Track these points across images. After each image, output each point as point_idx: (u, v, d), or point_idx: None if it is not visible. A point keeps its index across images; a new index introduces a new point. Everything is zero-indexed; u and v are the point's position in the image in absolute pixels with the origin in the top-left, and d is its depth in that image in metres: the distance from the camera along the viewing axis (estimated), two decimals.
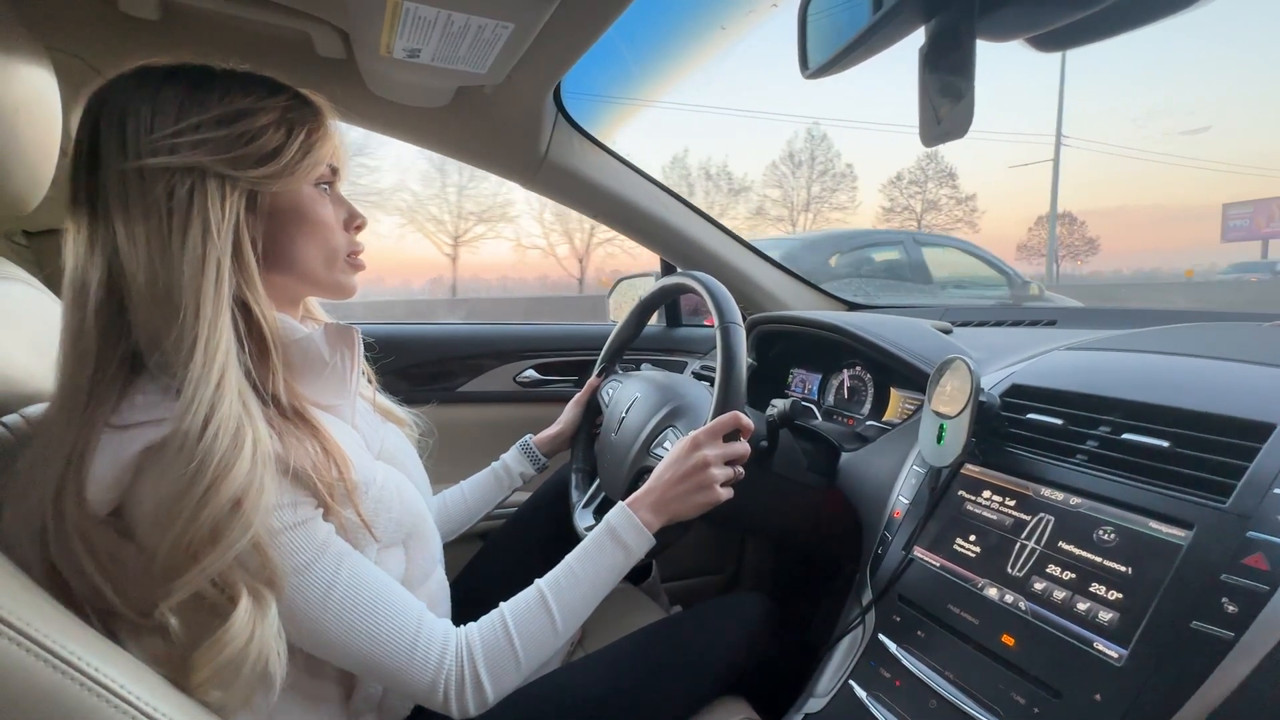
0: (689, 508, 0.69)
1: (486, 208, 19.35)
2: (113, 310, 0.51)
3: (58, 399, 0.51)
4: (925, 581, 0.68)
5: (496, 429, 1.31)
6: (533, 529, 0.99)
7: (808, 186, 23.50)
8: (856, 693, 0.67)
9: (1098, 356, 0.76)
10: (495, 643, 0.58)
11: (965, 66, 0.46)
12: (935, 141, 0.50)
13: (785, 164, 23.70)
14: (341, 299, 0.65)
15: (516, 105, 1.01)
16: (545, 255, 21.92)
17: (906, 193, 24.15)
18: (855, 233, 4.99)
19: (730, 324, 0.77)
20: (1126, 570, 0.53)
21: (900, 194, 24.22)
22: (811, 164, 23.45)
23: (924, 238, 4.88)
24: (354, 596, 0.53)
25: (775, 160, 24.08)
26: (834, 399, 1.19)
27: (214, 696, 0.48)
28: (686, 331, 1.57)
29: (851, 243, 4.38)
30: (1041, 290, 4.94)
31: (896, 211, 24.12)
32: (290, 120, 0.56)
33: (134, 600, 0.47)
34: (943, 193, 24.02)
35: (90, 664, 0.39)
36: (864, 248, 4.41)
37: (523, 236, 22.71)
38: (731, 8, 1.27)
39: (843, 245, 4.31)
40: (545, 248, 21.49)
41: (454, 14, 0.69)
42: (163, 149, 0.50)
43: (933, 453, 0.71)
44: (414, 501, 0.66)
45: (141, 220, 0.50)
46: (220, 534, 0.46)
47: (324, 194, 0.61)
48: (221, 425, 0.47)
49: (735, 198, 24.25)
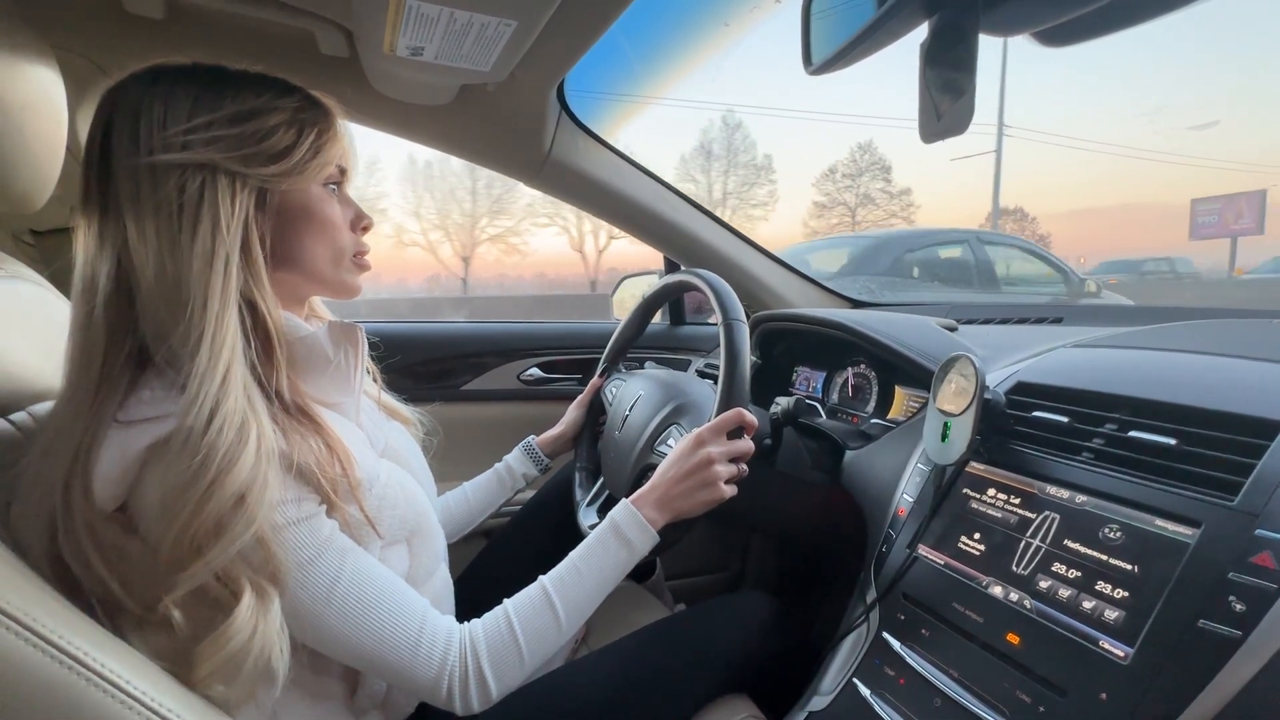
0: (693, 505, 0.69)
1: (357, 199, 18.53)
2: (121, 305, 0.51)
3: (65, 394, 0.51)
4: (930, 580, 0.68)
5: (500, 427, 1.31)
6: (537, 527, 0.99)
7: (724, 180, 21.77)
8: (860, 691, 0.67)
9: (1104, 353, 0.75)
10: (499, 639, 0.59)
11: (967, 62, 0.46)
12: (935, 138, 0.50)
13: (700, 156, 21.78)
14: (347, 298, 0.66)
15: (520, 103, 1.01)
16: (425, 252, 20.39)
17: (839, 185, 23.02)
18: (921, 232, 5.08)
19: (734, 321, 0.77)
20: (1133, 569, 0.53)
21: (834, 187, 23.08)
22: (729, 156, 21.62)
23: (987, 236, 4.98)
24: (357, 592, 0.53)
25: (685, 154, 22.29)
26: (838, 396, 1.18)
27: (217, 691, 0.48)
28: (690, 329, 1.57)
29: (920, 241, 4.54)
30: (1099, 288, 4.98)
31: (829, 206, 23.09)
32: (301, 121, 0.57)
33: (139, 594, 0.48)
34: (876, 186, 22.81)
35: (95, 658, 0.39)
36: (931, 246, 4.56)
37: (402, 234, 20.65)
38: (735, 4, 1.27)
39: (913, 244, 4.48)
40: (424, 245, 20.24)
41: (457, 11, 0.69)
42: (175, 145, 0.51)
43: (937, 450, 0.71)
44: (418, 499, 0.66)
45: (152, 215, 0.51)
46: (224, 528, 0.47)
47: (332, 194, 0.62)
48: (226, 420, 0.47)
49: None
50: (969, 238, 4.70)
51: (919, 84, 0.49)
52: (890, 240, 4.54)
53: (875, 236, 5.03)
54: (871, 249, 4.30)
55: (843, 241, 5.19)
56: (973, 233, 4.82)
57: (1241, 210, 13.14)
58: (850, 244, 4.72)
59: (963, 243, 4.65)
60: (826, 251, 5.10)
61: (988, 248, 4.64)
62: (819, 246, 5.48)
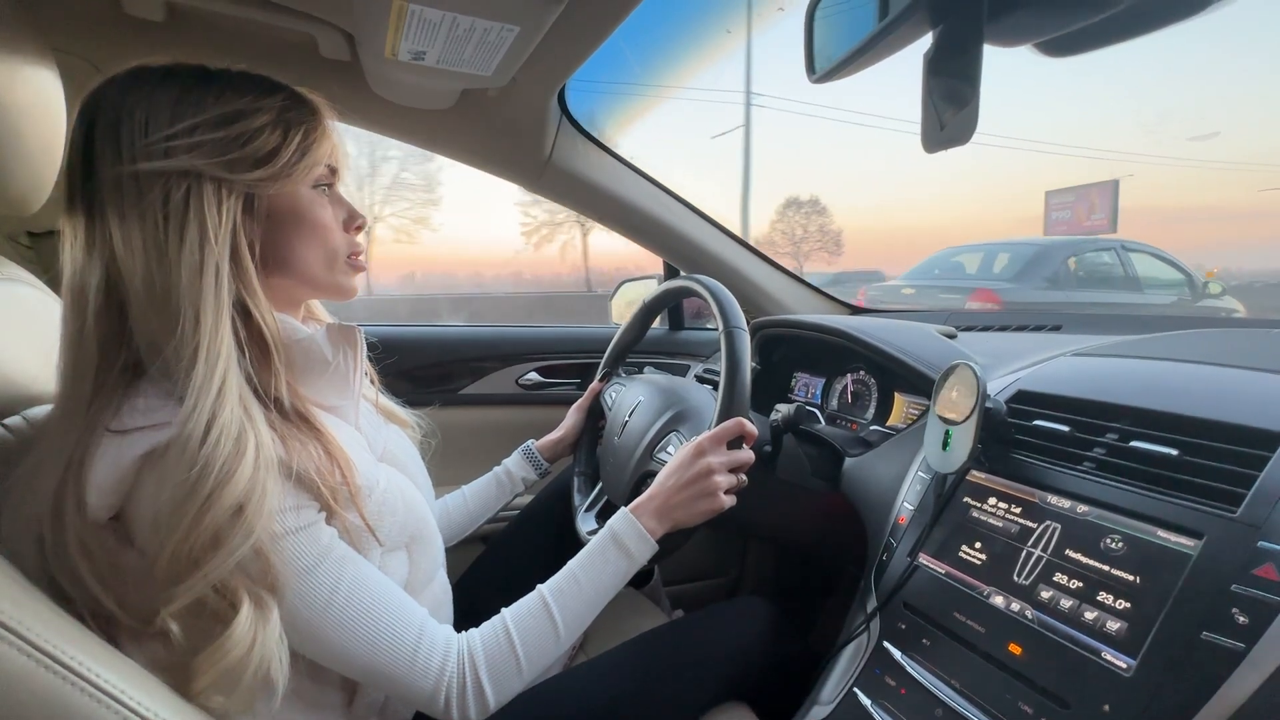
0: (692, 515, 0.68)
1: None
2: (112, 316, 0.51)
3: (59, 403, 0.51)
4: (930, 589, 0.68)
5: (499, 431, 1.31)
6: (535, 532, 0.99)
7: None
8: (861, 700, 0.66)
9: (1105, 363, 0.75)
10: (497, 649, 0.58)
11: (971, 72, 0.46)
12: (938, 148, 0.50)
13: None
14: (342, 300, 0.65)
15: (521, 108, 1.01)
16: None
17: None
18: (1076, 240, 5.49)
19: (734, 329, 0.77)
20: (1135, 579, 0.53)
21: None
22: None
23: (1131, 244, 5.37)
24: (356, 602, 0.53)
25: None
26: (837, 403, 1.18)
27: (216, 702, 0.47)
28: (690, 335, 1.57)
29: (1079, 248, 5.05)
30: (1223, 290, 5.24)
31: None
32: (287, 120, 0.56)
33: (134, 607, 0.47)
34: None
35: (92, 670, 0.39)
36: (1088, 253, 5.07)
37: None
38: (737, 10, 1.27)
39: (1078, 250, 5.00)
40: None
41: (459, 16, 0.69)
42: (157, 153, 0.50)
43: (938, 459, 0.71)
44: (417, 505, 0.65)
45: (138, 225, 0.50)
46: (222, 540, 0.46)
47: (323, 195, 0.60)
48: (224, 431, 0.47)
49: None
50: (1115, 245, 5.24)
51: (922, 93, 0.49)
52: (1053, 247, 5.16)
53: (1034, 243, 5.43)
54: (1039, 254, 4.93)
55: (996, 247, 5.67)
56: (1118, 241, 5.35)
57: (1094, 204, 11.49)
58: (1006, 250, 5.38)
59: (1110, 249, 5.19)
60: (970, 255, 5.66)
61: (1130, 254, 5.20)
62: (964, 250, 5.91)
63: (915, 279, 5.99)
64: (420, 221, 18.11)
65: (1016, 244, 5.59)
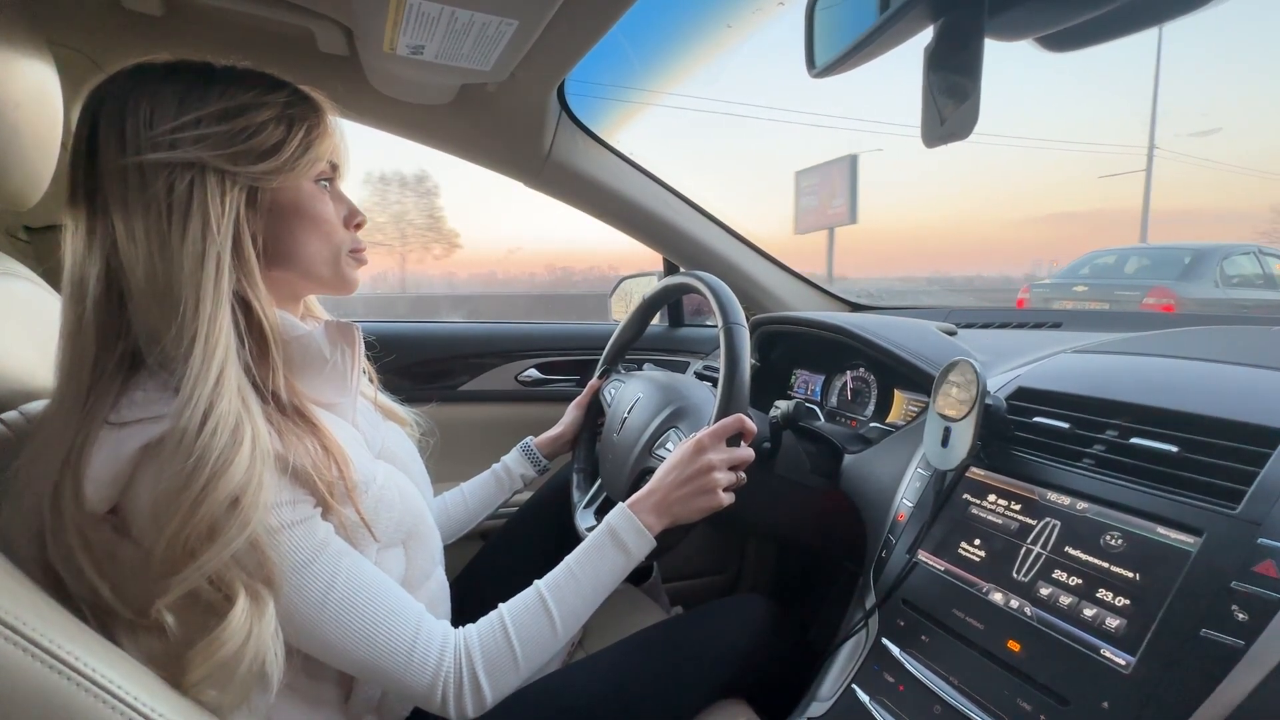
0: (691, 511, 0.68)
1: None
2: (111, 307, 0.51)
3: (57, 396, 0.51)
4: (929, 585, 0.68)
5: (498, 428, 1.31)
6: (534, 529, 0.99)
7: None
8: (859, 697, 0.66)
9: (1105, 359, 0.75)
10: (494, 645, 0.58)
11: (972, 67, 0.45)
12: (938, 142, 0.49)
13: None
14: (344, 294, 0.65)
15: (520, 103, 1.01)
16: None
17: (379, 191, 20.01)
18: (1225, 245, 5.80)
19: (734, 325, 0.76)
20: (1134, 576, 0.53)
21: (373, 193, 19.88)
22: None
23: (1268, 249, 5.87)
24: (352, 597, 0.53)
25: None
26: (837, 400, 1.18)
27: (210, 696, 0.47)
28: (689, 331, 1.57)
29: (1227, 251, 5.55)
30: None
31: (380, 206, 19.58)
32: (290, 116, 0.56)
33: (130, 598, 0.47)
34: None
35: (87, 663, 0.38)
36: (1233, 256, 5.58)
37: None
38: (738, 5, 1.26)
39: (1227, 253, 5.53)
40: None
41: (458, 10, 0.68)
42: (162, 144, 0.50)
43: (938, 455, 0.70)
44: (414, 501, 0.65)
45: (141, 215, 0.50)
46: (218, 531, 0.46)
47: (324, 190, 0.61)
48: (220, 421, 0.47)
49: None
50: (1253, 249, 5.76)
51: (923, 88, 0.48)
52: (1207, 251, 5.58)
53: (1190, 248, 5.78)
54: (1198, 256, 5.45)
55: (1142, 251, 6.21)
56: (1255, 246, 5.84)
57: (835, 187, 8.72)
58: (1153, 254, 5.93)
59: (1249, 252, 5.72)
60: (1107, 258, 6.17)
61: (1267, 257, 5.76)
62: (1104, 254, 6.31)
63: (1068, 278, 6.32)
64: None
65: (1165, 249, 6.04)
